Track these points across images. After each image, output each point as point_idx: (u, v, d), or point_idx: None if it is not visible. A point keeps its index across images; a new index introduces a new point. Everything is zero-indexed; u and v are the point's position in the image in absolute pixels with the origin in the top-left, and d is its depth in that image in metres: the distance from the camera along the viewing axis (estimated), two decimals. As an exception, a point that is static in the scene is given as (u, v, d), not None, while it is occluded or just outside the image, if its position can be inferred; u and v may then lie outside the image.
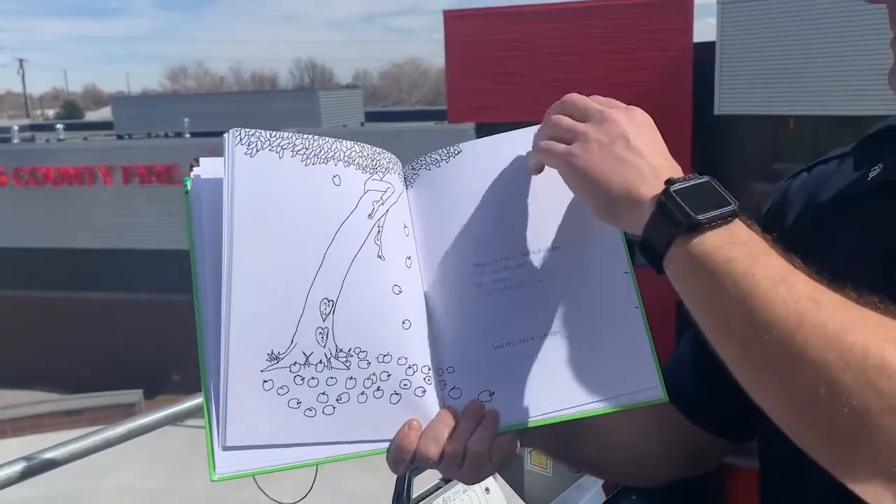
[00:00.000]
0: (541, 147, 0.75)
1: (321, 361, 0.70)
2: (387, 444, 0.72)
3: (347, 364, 0.71)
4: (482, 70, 17.94)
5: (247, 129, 0.71)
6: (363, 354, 0.71)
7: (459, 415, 0.74)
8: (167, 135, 19.23)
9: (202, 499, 10.89)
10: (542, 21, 17.72)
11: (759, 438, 0.86)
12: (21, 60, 57.00)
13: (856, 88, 11.09)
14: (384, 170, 0.77)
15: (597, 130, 0.72)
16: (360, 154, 0.75)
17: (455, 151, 0.81)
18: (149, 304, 16.31)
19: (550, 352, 0.74)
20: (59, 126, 20.91)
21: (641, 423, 0.87)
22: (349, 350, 0.71)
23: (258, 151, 0.71)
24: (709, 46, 16.23)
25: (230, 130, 0.71)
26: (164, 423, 1.01)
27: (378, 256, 0.73)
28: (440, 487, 1.13)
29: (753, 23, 14.43)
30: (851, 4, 10.48)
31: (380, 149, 0.78)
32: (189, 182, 0.74)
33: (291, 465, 0.70)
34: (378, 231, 0.74)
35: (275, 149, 0.71)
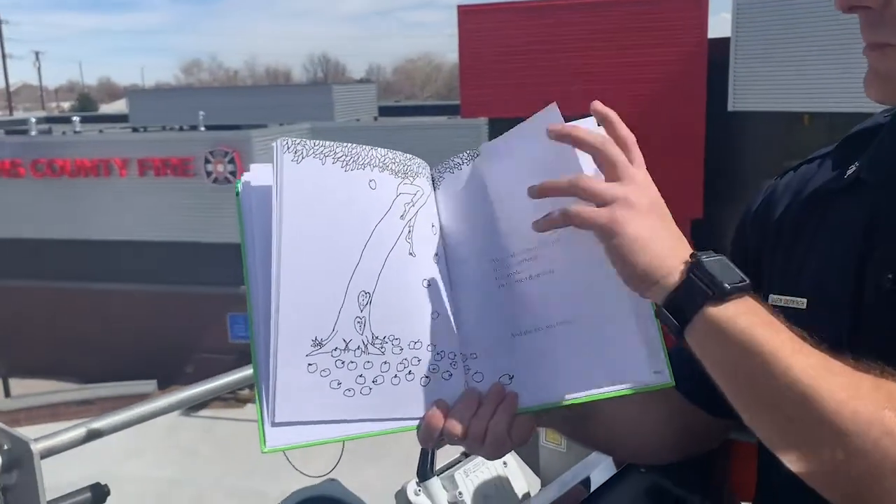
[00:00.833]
0: (571, 213, 0.74)
1: (359, 347, 0.77)
2: (417, 422, 0.79)
3: (382, 350, 0.78)
4: (496, 65, 17.93)
5: (293, 139, 0.77)
6: (397, 342, 0.78)
7: (482, 397, 0.80)
8: (182, 128, 19.34)
9: (214, 488, 11.03)
10: (557, 16, 17.68)
11: None
12: (37, 53, 57.36)
13: (872, 85, 10.97)
14: (414, 174, 0.84)
15: (634, 194, 0.74)
16: (393, 160, 0.82)
17: (474, 154, 0.87)
18: (163, 296, 16.45)
19: (564, 339, 0.80)
20: (76, 118, 21.05)
21: (647, 406, 0.92)
22: (384, 337, 0.78)
23: (303, 159, 0.77)
24: (723, 42, 16.16)
25: (279, 140, 0.76)
26: (219, 393, 1.07)
27: (409, 254, 0.80)
28: (460, 461, 1.19)
29: (768, 19, 14.35)
30: None
31: (410, 155, 0.85)
32: (240, 185, 0.80)
33: (332, 440, 0.77)
34: (409, 231, 0.81)
35: (318, 156, 0.77)
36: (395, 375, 0.78)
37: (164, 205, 15.91)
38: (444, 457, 1.15)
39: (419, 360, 0.79)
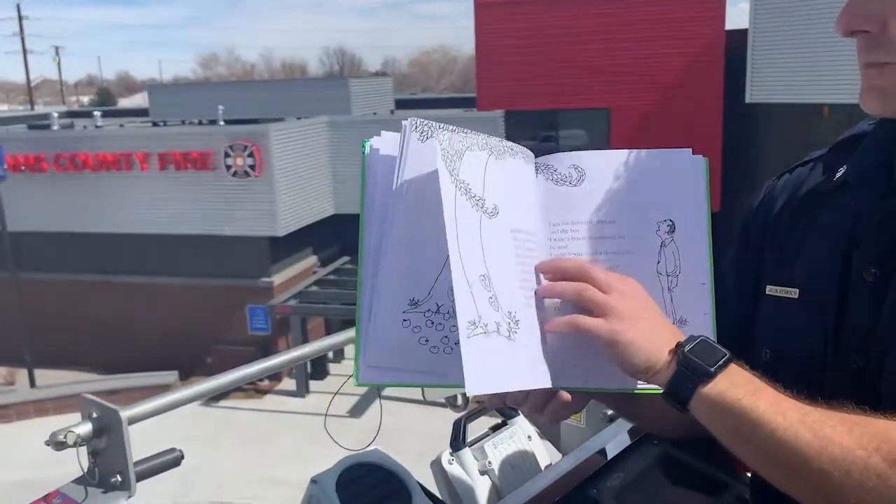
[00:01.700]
0: (580, 324, 0.86)
1: (448, 312, 0.84)
2: (548, 387, 0.88)
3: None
4: (512, 58, 17.93)
5: (422, 120, 0.85)
6: None
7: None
8: (201, 122, 19.51)
9: (235, 475, 11.22)
10: (573, 9, 17.64)
11: None
12: (57, 48, 57.85)
13: (890, 77, 10.90)
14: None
15: (622, 304, 0.85)
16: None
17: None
18: (184, 289, 16.65)
19: None
20: (97, 113, 21.29)
21: None
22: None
23: (428, 139, 0.84)
24: (741, 34, 16.08)
25: (409, 119, 0.84)
26: (323, 352, 1.17)
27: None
28: (488, 435, 1.30)
29: (786, 10, 14.26)
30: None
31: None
32: (367, 145, 0.87)
33: (411, 384, 0.87)
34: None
35: (440, 138, 0.85)
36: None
37: (185, 198, 16.07)
38: (472, 432, 1.27)
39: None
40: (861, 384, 0.85)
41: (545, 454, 1.30)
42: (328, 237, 18.47)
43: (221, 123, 17.80)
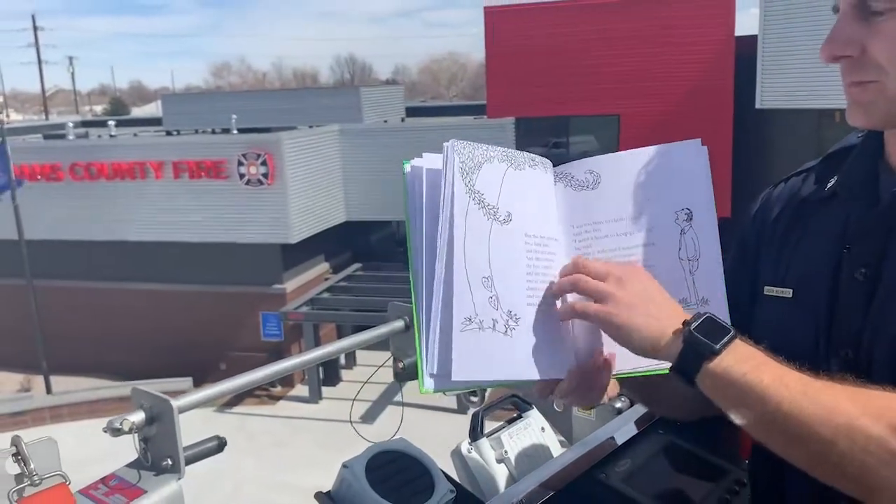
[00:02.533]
0: (577, 309, 0.93)
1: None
2: (536, 379, 0.95)
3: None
4: (522, 65, 18.02)
5: (463, 142, 0.91)
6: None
7: (590, 364, 0.98)
8: (214, 131, 19.70)
9: (250, 480, 11.31)
10: (583, 16, 17.72)
11: None
12: (71, 58, 58.43)
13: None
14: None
15: (620, 290, 0.91)
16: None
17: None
18: (198, 296, 16.80)
19: None
20: (111, 122, 21.53)
21: None
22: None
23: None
24: (751, 40, 16.11)
25: (451, 142, 0.91)
26: (370, 343, 1.25)
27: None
28: (504, 427, 1.39)
29: (796, 15, 14.29)
30: (896, -3, 10.34)
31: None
32: (407, 165, 0.94)
33: (467, 389, 0.96)
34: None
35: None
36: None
37: (199, 206, 16.23)
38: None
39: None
40: (852, 373, 0.91)
41: (557, 445, 1.38)
42: (340, 244, 18.60)
43: (235, 132, 17.97)
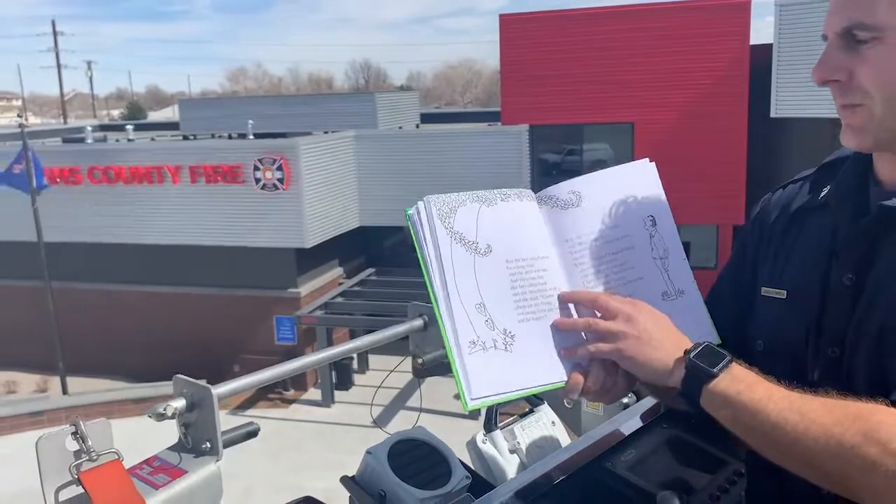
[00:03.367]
0: (592, 350, 1.06)
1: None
2: (563, 382, 1.08)
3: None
4: (537, 73, 18.10)
5: (428, 196, 1.06)
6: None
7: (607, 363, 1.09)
8: (231, 136, 19.91)
9: (262, 482, 11.41)
10: (598, 24, 17.80)
11: None
12: (89, 63, 59.06)
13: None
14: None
15: (629, 327, 1.04)
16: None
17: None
18: (213, 299, 16.97)
19: None
20: (129, 127, 21.79)
21: None
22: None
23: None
24: (766, 49, 16.13)
25: (426, 197, 1.06)
26: (394, 339, 1.34)
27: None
28: (516, 420, 1.47)
29: (811, 24, 14.30)
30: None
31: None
32: (409, 213, 1.08)
33: (505, 400, 1.06)
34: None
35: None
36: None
37: (215, 210, 16.41)
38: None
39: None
40: (837, 370, 1.02)
41: (566, 437, 1.46)
42: (354, 249, 18.73)
43: (251, 137, 18.16)
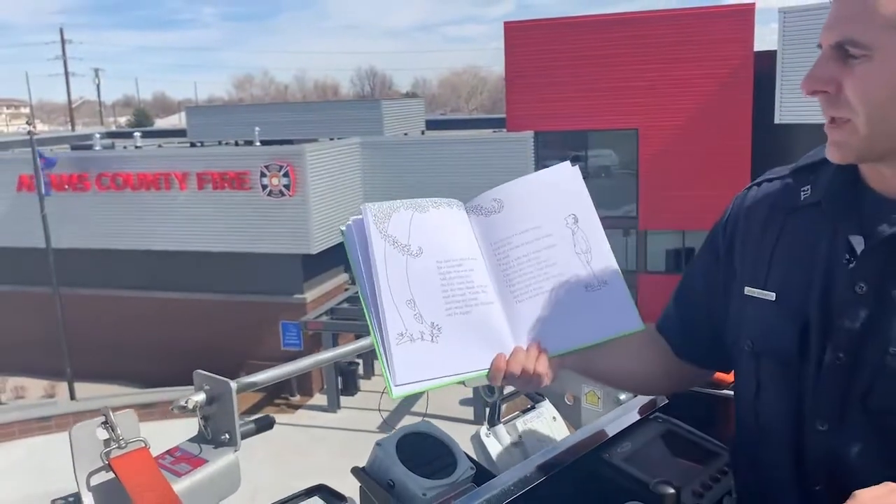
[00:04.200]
0: None
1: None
2: (486, 371, 1.16)
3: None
4: (541, 80, 18.18)
5: (371, 203, 1.15)
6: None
7: (526, 349, 1.17)
8: (237, 143, 20.03)
9: (269, 486, 11.46)
10: (602, 31, 17.87)
11: (735, 378, 1.23)
12: (97, 70, 59.41)
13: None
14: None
15: None
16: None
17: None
18: (220, 305, 17.05)
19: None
20: (137, 134, 21.95)
21: (641, 351, 1.29)
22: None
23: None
24: (770, 55, 16.18)
25: (364, 204, 1.15)
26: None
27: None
28: (519, 416, 1.53)
29: (814, 31, 14.31)
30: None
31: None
32: (344, 228, 1.18)
33: (431, 388, 1.13)
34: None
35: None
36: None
37: (222, 217, 16.51)
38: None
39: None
40: (843, 375, 1.02)
41: (566, 432, 1.52)
42: None
43: (258, 144, 18.26)
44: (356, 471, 1.25)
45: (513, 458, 1.42)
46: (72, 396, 15.66)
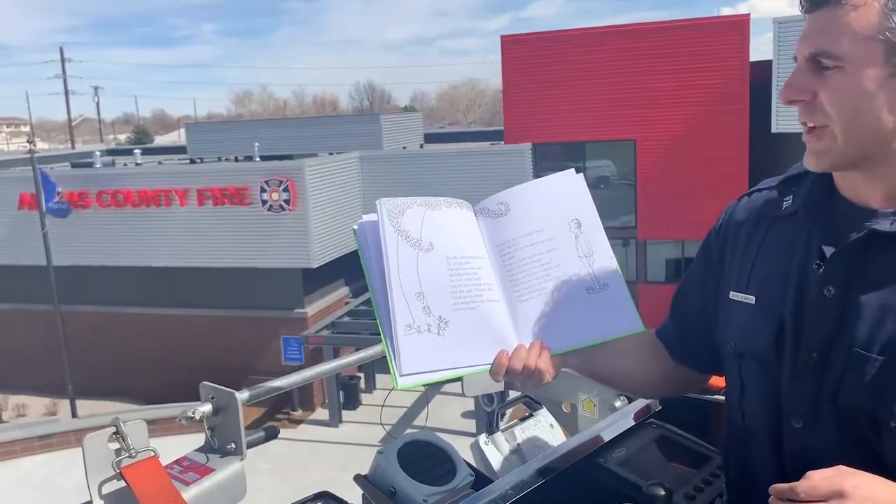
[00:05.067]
0: None
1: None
2: (489, 366, 1.20)
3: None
4: (538, 92, 18.27)
5: (386, 199, 1.20)
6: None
7: (528, 347, 1.21)
8: (237, 158, 20.11)
9: (268, 501, 11.44)
10: (597, 43, 17.98)
11: (725, 381, 1.27)
12: (96, 88, 59.65)
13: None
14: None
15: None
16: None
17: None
18: (221, 320, 17.06)
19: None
20: (137, 151, 22.05)
21: (641, 354, 1.34)
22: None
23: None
24: (766, 65, 16.28)
25: (380, 199, 1.19)
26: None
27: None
28: (516, 423, 1.56)
29: (810, 42, 14.41)
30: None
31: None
32: (356, 225, 1.23)
33: (434, 381, 1.17)
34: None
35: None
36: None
37: (222, 232, 16.55)
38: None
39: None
40: (814, 374, 1.08)
41: (563, 439, 1.55)
42: (360, 268, 18.53)
43: (257, 159, 18.33)
44: (359, 478, 1.29)
45: (511, 465, 1.46)
46: (74, 414, 15.64)
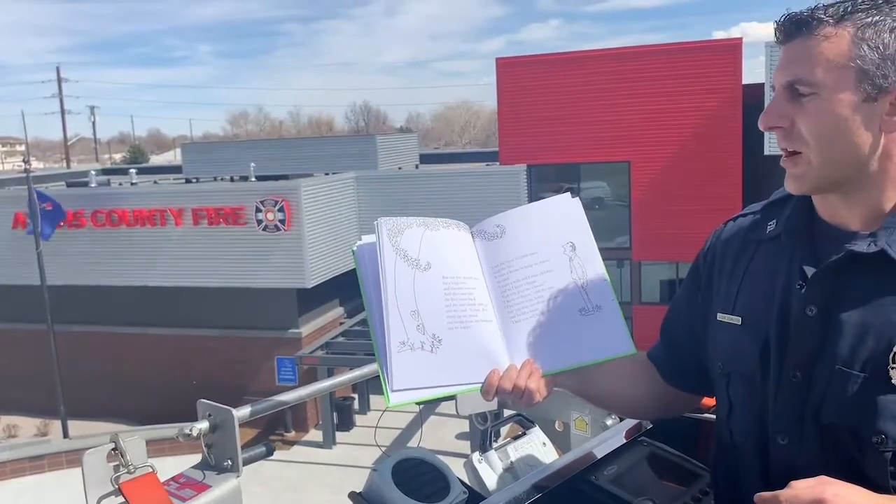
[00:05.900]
0: None
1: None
2: (480, 385, 1.23)
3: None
4: (533, 114, 18.40)
5: (385, 218, 1.23)
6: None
7: (519, 367, 1.24)
8: (233, 178, 20.15)
9: (266, 525, 11.37)
10: (592, 66, 18.14)
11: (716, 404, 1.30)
12: (92, 108, 59.74)
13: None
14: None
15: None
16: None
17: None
18: (215, 340, 17.00)
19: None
20: (132, 171, 22.08)
21: (633, 375, 1.36)
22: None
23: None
24: (758, 88, 16.44)
25: (379, 219, 1.23)
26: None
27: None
28: (509, 441, 1.58)
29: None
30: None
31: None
32: (356, 246, 1.26)
33: (425, 399, 1.19)
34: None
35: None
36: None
37: (217, 252, 16.55)
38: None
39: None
40: (798, 391, 1.11)
41: (556, 457, 1.57)
42: (355, 288, 18.52)
43: (253, 180, 18.37)
44: (353, 495, 1.30)
45: (504, 483, 1.47)
46: (65, 434, 15.52)
